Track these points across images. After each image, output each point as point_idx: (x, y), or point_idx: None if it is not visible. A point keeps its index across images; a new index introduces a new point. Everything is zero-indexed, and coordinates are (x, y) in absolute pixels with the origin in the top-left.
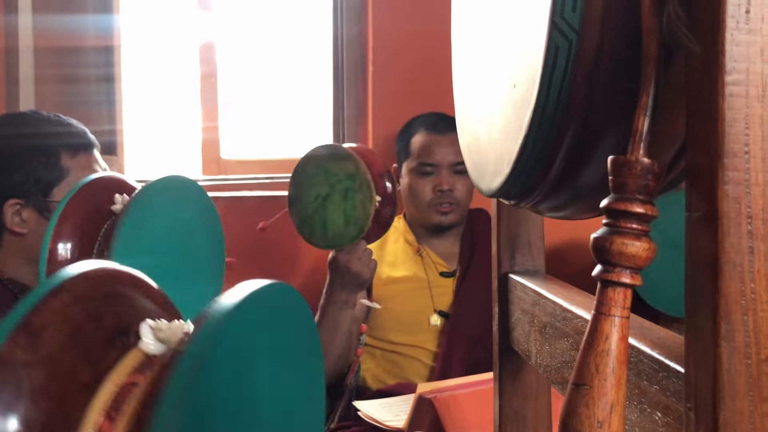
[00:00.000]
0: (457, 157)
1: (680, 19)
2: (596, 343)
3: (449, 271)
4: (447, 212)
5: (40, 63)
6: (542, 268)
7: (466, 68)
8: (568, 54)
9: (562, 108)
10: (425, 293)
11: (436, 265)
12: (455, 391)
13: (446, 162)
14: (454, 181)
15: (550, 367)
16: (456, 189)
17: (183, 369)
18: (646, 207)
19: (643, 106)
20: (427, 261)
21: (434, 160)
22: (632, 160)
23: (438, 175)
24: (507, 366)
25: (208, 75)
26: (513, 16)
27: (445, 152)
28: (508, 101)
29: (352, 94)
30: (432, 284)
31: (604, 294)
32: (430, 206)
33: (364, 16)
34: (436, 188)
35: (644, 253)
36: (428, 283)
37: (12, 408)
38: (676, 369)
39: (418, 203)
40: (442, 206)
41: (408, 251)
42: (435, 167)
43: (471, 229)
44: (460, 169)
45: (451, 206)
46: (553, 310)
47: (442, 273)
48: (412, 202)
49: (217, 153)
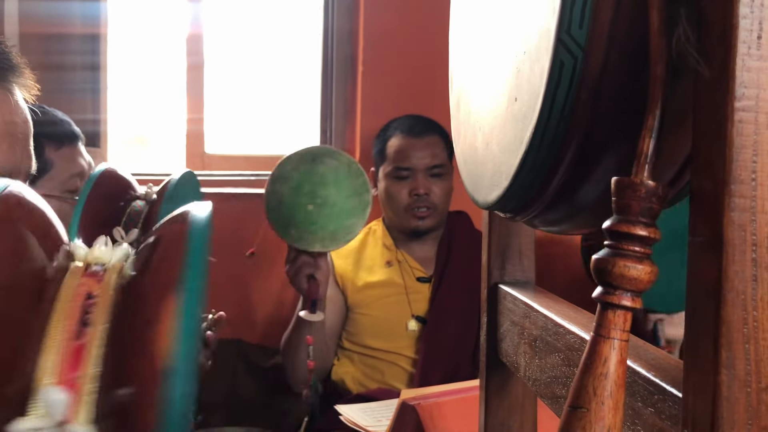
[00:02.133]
0: (433, 161)
1: (690, 42)
2: (594, 365)
3: (426, 276)
4: (424, 217)
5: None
6: (532, 279)
7: (463, 76)
8: (573, 71)
9: (564, 125)
10: (402, 299)
11: (413, 270)
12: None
13: (422, 166)
14: (431, 184)
15: (540, 381)
16: (432, 193)
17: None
18: (650, 230)
19: (649, 128)
20: (404, 266)
21: (410, 164)
22: (637, 182)
23: (414, 179)
24: (494, 377)
25: (194, 66)
26: (515, 28)
27: (421, 156)
28: (508, 115)
29: (340, 90)
30: (409, 290)
31: (604, 316)
32: (407, 211)
33: (355, 12)
34: (413, 192)
35: (646, 276)
36: (405, 288)
37: None
38: (673, 393)
39: (395, 208)
40: (419, 211)
41: (386, 255)
42: (411, 171)
43: (449, 233)
44: (437, 172)
45: (428, 210)
46: (544, 324)
47: (419, 278)
48: (389, 207)
49: (201, 147)
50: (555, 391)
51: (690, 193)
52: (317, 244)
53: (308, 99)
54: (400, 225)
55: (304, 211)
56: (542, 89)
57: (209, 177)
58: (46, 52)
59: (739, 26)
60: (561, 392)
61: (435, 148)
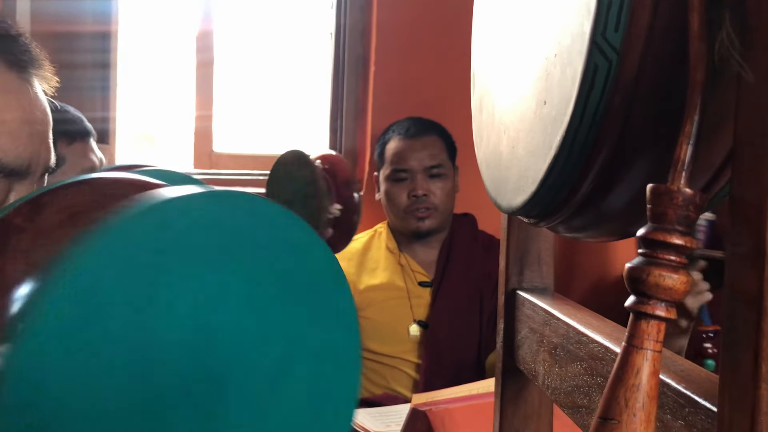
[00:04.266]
0: (431, 161)
1: (734, 47)
2: (626, 376)
3: (428, 281)
4: (424, 217)
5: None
6: (551, 285)
7: (487, 78)
8: (607, 75)
9: (596, 130)
10: (404, 303)
11: (416, 275)
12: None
13: (420, 167)
14: (429, 185)
15: (559, 390)
16: (432, 193)
17: None
18: (686, 239)
19: (687, 134)
20: (406, 270)
21: (408, 165)
22: (674, 189)
23: (413, 181)
24: (510, 384)
25: (204, 64)
26: (545, 30)
27: (419, 157)
28: (537, 118)
29: (352, 90)
30: (411, 294)
31: (637, 326)
32: (407, 212)
33: (368, 11)
34: (411, 194)
35: (681, 286)
36: (407, 292)
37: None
38: (705, 406)
39: (395, 210)
40: (419, 212)
41: (389, 259)
42: (409, 173)
43: (452, 236)
44: (436, 172)
45: (428, 211)
46: (566, 332)
47: (420, 282)
48: (390, 210)
49: (209, 146)
50: (576, 401)
51: (730, 202)
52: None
53: (318, 98)
54: (401, 227)
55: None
56: (574, 93)
57: (217, 176)
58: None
59: None
60: (582, 402)
61: (433, 149)
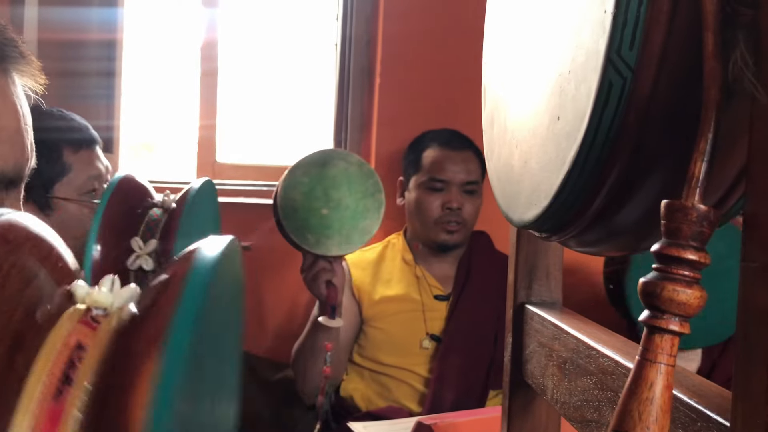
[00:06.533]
0: (469, 176)
1: (747, 67)
2: (640, 390)
3: (444, 295)
4: (453, 231)
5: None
6: (559, 300)
7: (498, 92)
8: (622, 92)
9: (609, 146)
10: (418, 315)
11: (432, 288)
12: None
13: (457, 180)
14: (464, 200)
15: (568, 404)
16: (464, 209)
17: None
18: (700, 254)
19: (701, 151)
20: (422, 283)
21: (445, 176)
22: (688, 205)
23: (448, 192)
24: (517, 398)
25: (208, 73)
26: (558, 46)
27: (457, 170)
28: (550, 134)
29: (357, 102)
30: (426, 307)
31: (651, 341)
32: (437, 224)
33: (374, 22)
34: (445, 205)
35: (695, 301)
36: (422, 305)
37: None
38: (718, 420)
39: (424, 219)
40: (449, 225)
41: (405, 270)
42: (445, 183)
43: (470, 252)
44: (470, 189)
45: (458, 225)
46: (575, 347)
47: (436, 296)
48: (417, 218)
49: (212, 156)
50: (585, 415)
51: (743, 218)
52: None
53: (322, 109)
54: (426, 237)
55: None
56: (589, 109)
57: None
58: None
59: None
60: (592, 416)
61: (470, 164)
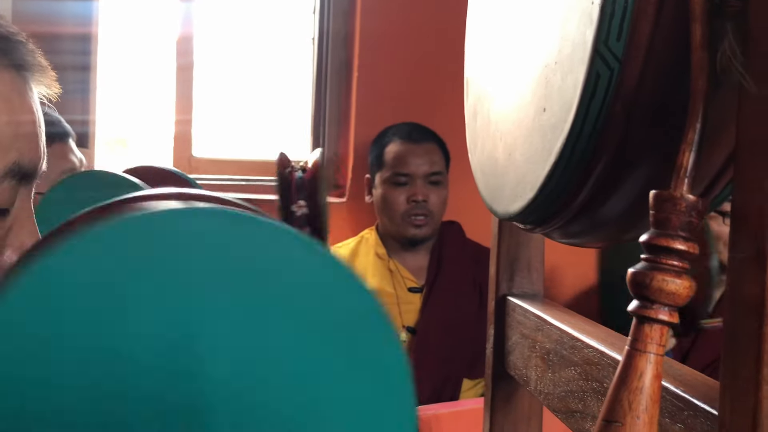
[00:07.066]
0: (432, 168)
1: (736, 57)
2: (630, 379)
3: (418, 287)
4: (421, 225)
5: None
6: (541, 292)
7: (481, 85)
8: (609, 83)
9: (596, 137)
10: (393, 309)
11: (405, 281)
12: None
13: (421, 172)
14: (429, 192)
15: (553, 395)
16: (430, 200)
17: None
18: (689, 244)
19: (689, 142)
20: (396, 276)
21: (409, 170)
22: (677, 196)
23: (412, 186)
24: (500, 390)
25: (184, 68)
26: (544, 38)
27: (420, 162)
28: (536, 125)
29: (334, 96)
30: (400, 300)
31: (641, 330)
32: (404, 218)
33: (351, 16)
34: (411, 198)
35: (684, 291)
36: (397, 298)
37: None
38: (705, 409)
39: (391, 214)
40: (416, 219)
41: (378, 264)
42: (409, 177)
43: (441, 242)
44: (435, 180)
45: (425, 218)
46: (559, 338)
47: (410, 288)
48: (385, 214)
49: (188, 151)
50: (570, 405)
51: (731, 208)
52: None
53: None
54: (396, 232)
55: None
56: (576, 100)
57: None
58: None
59: None
60: (577, 407)
61: (433, 156)
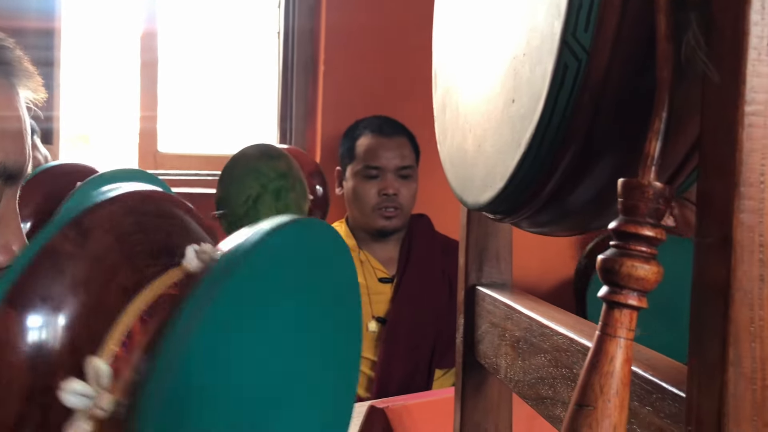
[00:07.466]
0: (403, 162)
1: (700, 47)
2: (601, 364)
3: (388, 277)
4: (391, 217)
5: None
6: (510, 281)
7: (450, 78)
8: (577, 74)
9: (564, 127)
10: (364, 299)
11: (376, 271)
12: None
13: (392, 166)
14: (399, 185)
15: (523, 382)
16: (400, 194)
17: (206, 281)
18: (656, 231)
19: (656, 131)
20: (366, 266)
21: (380, 163)
22: (645, 183)
23: (383, 179)
24: (470, 379)
25: (148, 64)
26: (512, 30)
27: (391, 156)
28: (505, 116)
29: (301, 91)
30: (371, 290)
31: (611, 315)
32: (374, 210)
33: (317, 12)
34: (381, 192)
35: (653, 276)
36: (367, 288)
37: (50, 296)
38: (673, 391)
39: (362, 207)
40: (387, 210)
41: None
42: (380, 170)
43: (410, 234)
44: (405, 173)
45: (396, 211)
46: (528, 326)
47: (381, 279)
48: (356, 206)
49: (154, 146)
50: (540, 392)
51: (697, 195)
52: None
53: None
54: (365, 224)
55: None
56: (545, 91)
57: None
58: None
59: (750, 33)
60: (547, 393)
61: (404, 149)
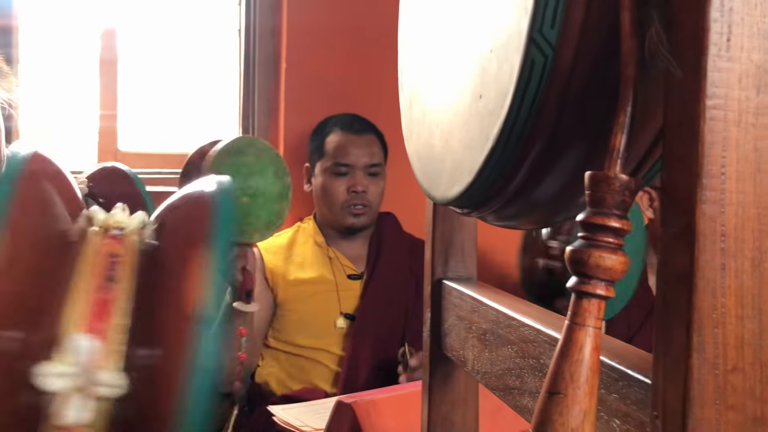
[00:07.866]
0: (372, 159)
1: (662, 43)
2: (571, 352)
3: (357, 274)
4: (359, 214)
5: None
6: (474, 275)
7: (416, 75)
8: (543, 69)
9: (532, 122)
10: (332, 296)
11: (345, 268)
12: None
13: (361, 163)
14: (368, 183)
15: (490, 373)
16: (369, 191)
17: None
18: (623, 222)
19: (621, 125)
20: (335, 263)
21: (349, 160)
22: (611, 176)
23: (352, 176)
24: (437, 372)
25: (108, 62)
26: (478, 27)
27: (360, 153)
28: (473, 112)
29: (263, 88)
30: (340, 287)
31: (579, 305)
32: (343, 207)
33: (278, 9)
34: (350, 189)
35: (620, 266)
36: (336, 285)
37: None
38: (638, 378)
39: (331, 204)
40: (355, 208)
41: (317, 253)
42: (350, 168)
43: (379, 232)
44: (374, 171)
45: (364, 208)
46: (495, 318)
47: (350, 275)
48: (324, 203)
49: (114, 144)
50: (507, 383)
51: (661, 187)
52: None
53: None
54: (334, 221)
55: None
56: (512, 87)
57: None
58: None
59: (710, 29)
60: (514, 383)
61: (373, 147)
